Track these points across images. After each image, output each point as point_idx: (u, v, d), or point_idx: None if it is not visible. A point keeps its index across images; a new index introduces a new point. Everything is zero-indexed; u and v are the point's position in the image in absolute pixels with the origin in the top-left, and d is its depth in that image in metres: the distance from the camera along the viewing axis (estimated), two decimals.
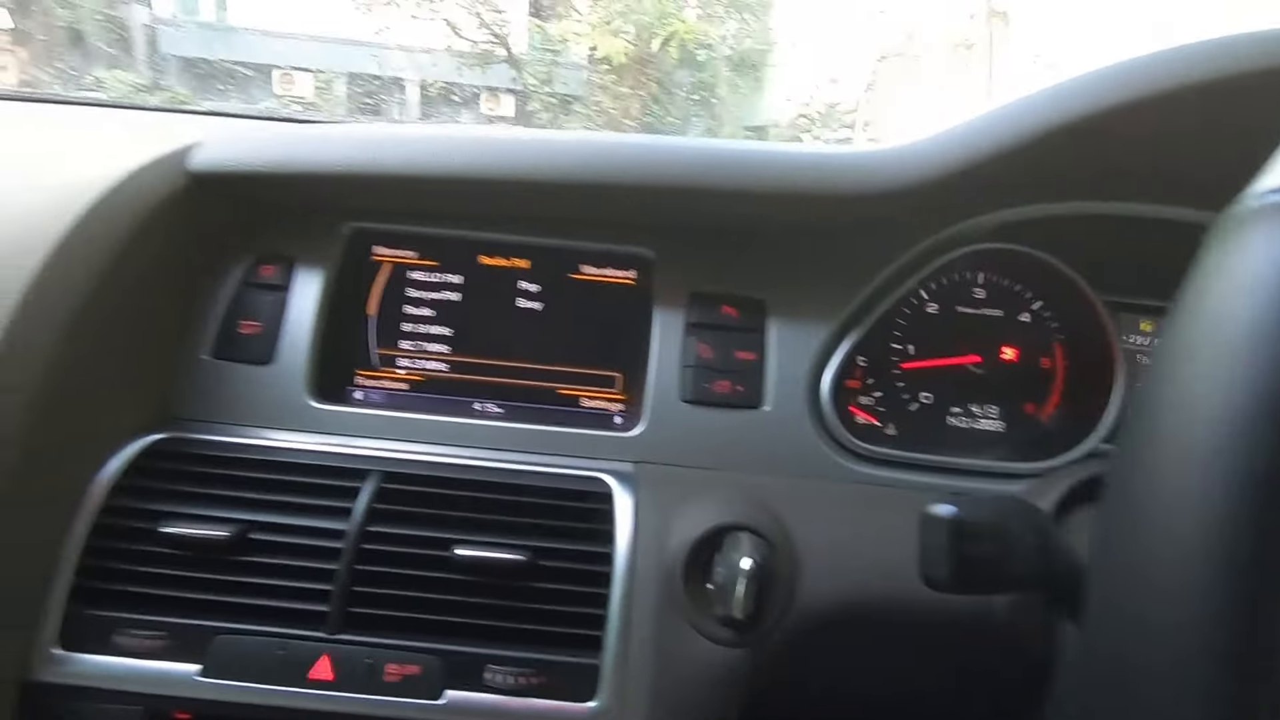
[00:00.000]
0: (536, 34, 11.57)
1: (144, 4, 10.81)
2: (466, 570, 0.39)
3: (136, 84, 9.65)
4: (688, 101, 13.17)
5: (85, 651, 0.39)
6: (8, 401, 0.36)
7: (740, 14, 12.88)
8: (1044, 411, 0.51)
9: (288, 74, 10.92)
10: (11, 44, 7.29)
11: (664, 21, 9.27)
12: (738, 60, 13.62)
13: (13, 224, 0.39)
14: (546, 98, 11.57)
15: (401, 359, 0.50)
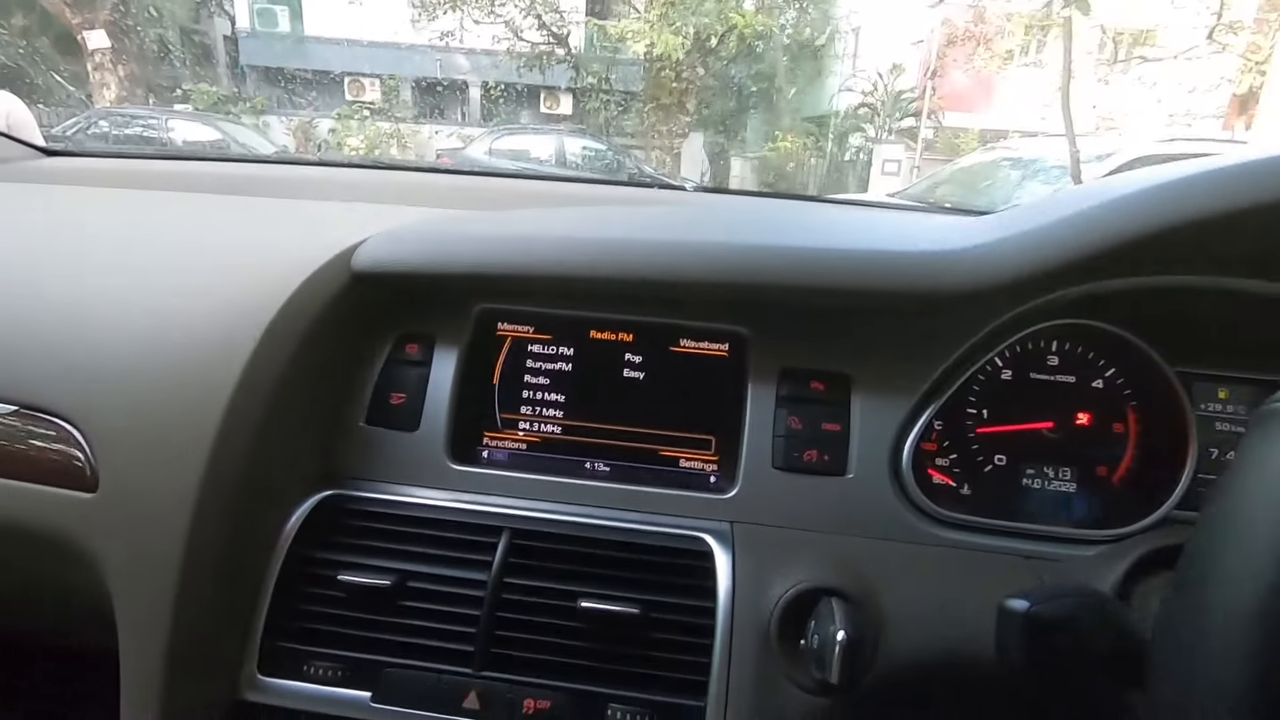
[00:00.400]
0: (595, 33, 11.60)
1: (225, 18, 11.27)
2: (589, 620, 0.46)
3: (220, 95, 10.12)
4: (744, 94, 12.91)
5: (280, 678, 0.47)
6: (230, 460, 0.44)
7: (800, 2, 12.54)
8: (1116, 475, 0.54)
9: (357, 80, 11.30)
10: (111, 62, 7.74)
11: (723, 17, 9.19)
12: (797, 50, 13.25)
13: (226, 319, 0.48)
14: (604, 96, 11.58)
15: (522, 422, 0.57)
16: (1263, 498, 0.22)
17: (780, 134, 12.11)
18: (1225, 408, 0.54)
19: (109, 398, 0.47)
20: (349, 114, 10.41)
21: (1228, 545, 0.22)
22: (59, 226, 0.66)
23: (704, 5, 8.61)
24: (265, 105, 10.56)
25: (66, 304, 0.51)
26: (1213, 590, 0.22)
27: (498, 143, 8.62)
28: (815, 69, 13.31)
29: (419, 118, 11.41)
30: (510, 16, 10.26)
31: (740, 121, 13.22)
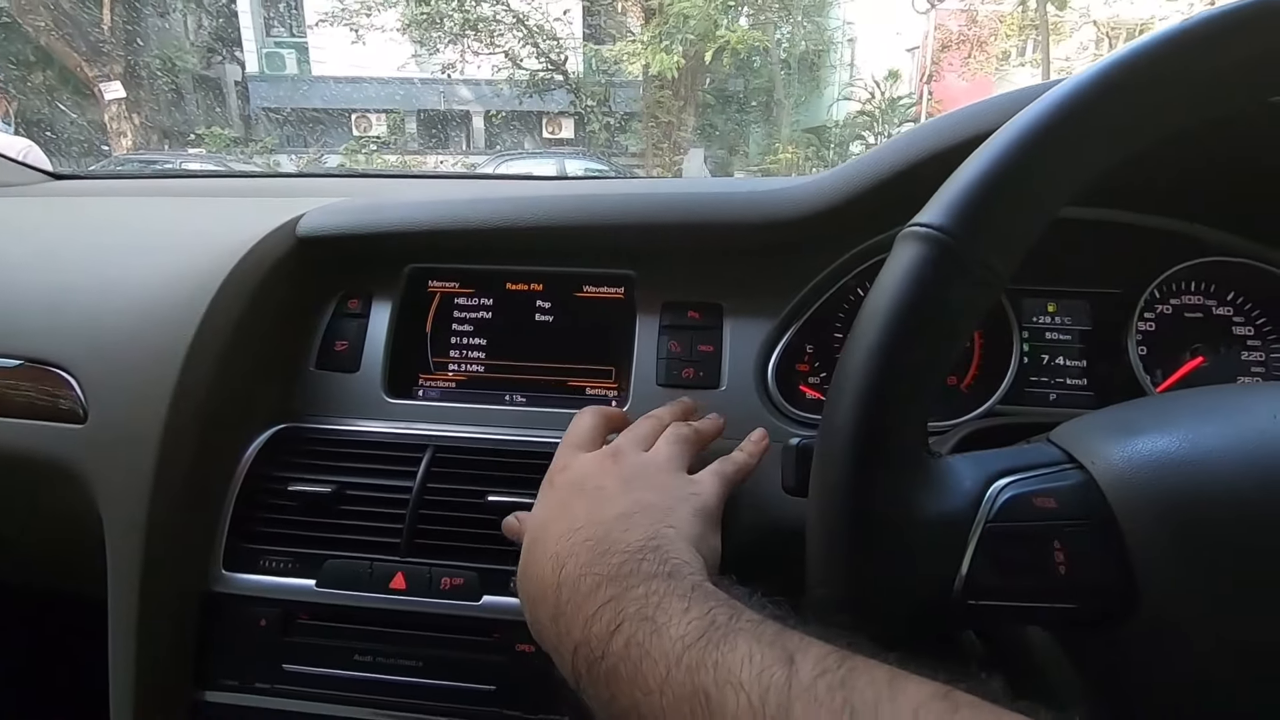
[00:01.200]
0: (592, 57, 11.81)
1: (236, 64, 11.58)
2: (496, 511, 0.54)
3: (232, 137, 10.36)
4: (743, 108, 13.05)
5: (241, 572, 0.56)
6: (193, 395, 0.54)
7: (794, 17, 12.70)
8: (964, 383, 0.62)
9: (363, 116, 11.56)
10: (127, 111, 8.00)
11: (714, 35, 9.37)
12: (794, 63, 13.37)
13: (185, 279, 0.58)
14: (604, 117, 11.77)
15: (451, 364, 0.66)
16: (876, 291, 0.31)
17: (781, 145, 12.26)
18: (1054, 318, 0.62)
19: (96, 349, 0.57)
20: (356, 148, 10.73)
21: (858, 324, 0.31)
22: (61, 231, 0.77)
23: (690, 24, 8.81)
24: (275, 145, 10.92)
25: (66, 285, 0.61)
26: (850, 348, 0.31)
27: (501, 168, 8.85)
28: (813, 80, 13.49)
29: (424, 148, 11.72)
30: (509, 46, 10.57)
31: (741, 135, 13.41)
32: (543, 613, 0.35)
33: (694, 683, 0.25)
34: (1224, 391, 0.37)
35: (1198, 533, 0.28)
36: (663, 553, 0.34)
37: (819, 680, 0.23)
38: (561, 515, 0.39)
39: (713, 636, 0.27)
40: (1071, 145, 0.30)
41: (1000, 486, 0.31)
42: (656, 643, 0.28)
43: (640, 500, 0.38)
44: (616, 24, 11.39)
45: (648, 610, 0.30)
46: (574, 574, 0.34)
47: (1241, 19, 0.29)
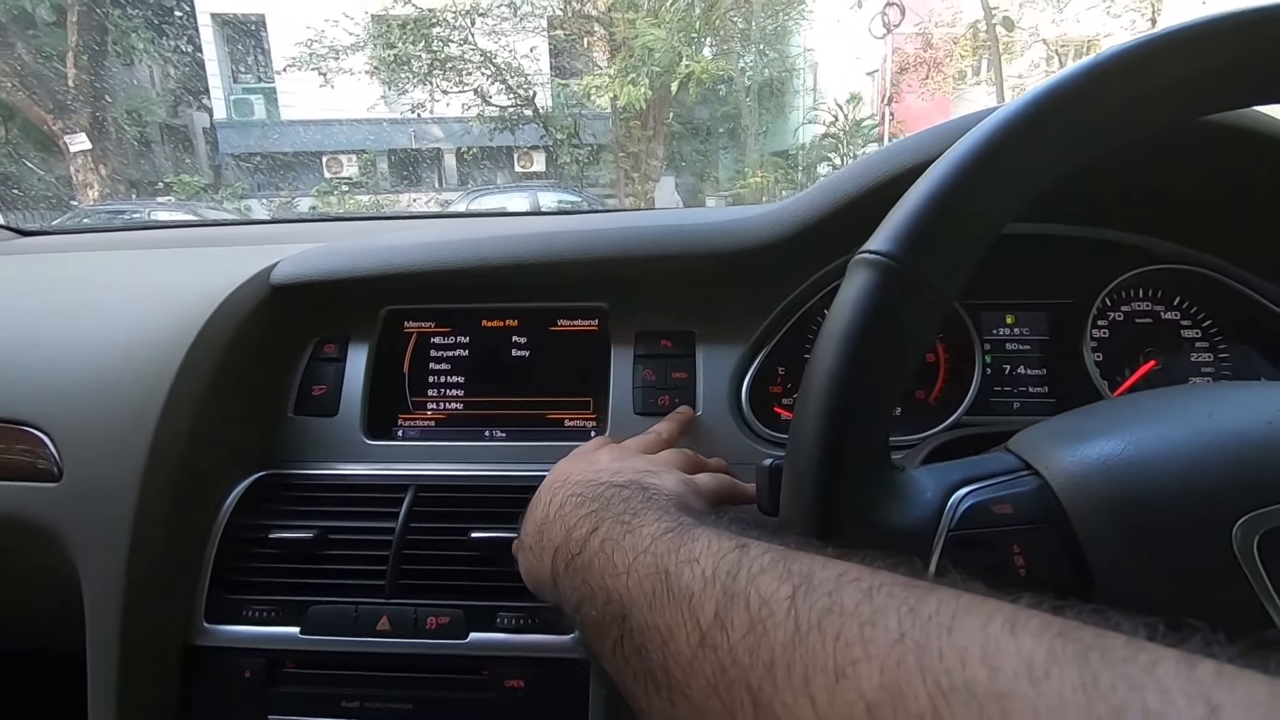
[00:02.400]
0: (560, 92, 11.95)
1: (204, 111, 11.54)
2: (479, 547, 0.55)
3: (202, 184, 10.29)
4: (712, 135, 13.25)
5: (223, 623, 0.56)
6: (170, 448, 0.54)
7: (756, 46, 13.01)
8: (931, 397, 0.64)
9: (334, 158, 11.56)
10: (93, 163, 7.94)
11: (679, 66, 9.56)
12: (759, 90, 13.62)
13: (160, 331, 0.58)
14: (575, 150, 11.87)
15: (429, 403, 0.67)
16: (832, 317, 0.32)
17: (750, 170, 12.48)
18: (1013, 330, 0.65)
19: (70, 406, 0.57)
20: (328, 190, 10.72)
21: (816, 350, 0.32)
22: (29, 288, 0.76)
23: (654, 57, 9.00)
24: (246, 190, 10.87)
25: (35, 341, 0.61)
26: (810, 374, 0.32)
27: (474, 204, 8.90)
28: (778, 106, 13.80)
29: (396, 187, 11.75)
30: (478, 84, 10.68)
31: (710, 162, 13.63)
32: (529, 531, 0.41)
33: (658, 565, 0.28)
34: (1167, 394, 0.39)
35: (1142, 529, 0.30)
36: (644, 488, 0.37)
37: (764, 555, 0.26)
38: (558, 475, 0.44)
39: (679, 532, 0.30)
40: (1007, 169, 0.32)
41: (960, 496, 0.32)
42: (629, 539, 0.31)
43: (631, 464, 0.43)
44: (583, 59, 11.59)
45: (624, 517, 0.33)
46: (561, 499, 0.38)
47: (1166, 45, 0.32)
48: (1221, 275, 0.61)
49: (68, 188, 8.49)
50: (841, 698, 0.19)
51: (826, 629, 0.21)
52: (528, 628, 0.53)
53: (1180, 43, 0.32)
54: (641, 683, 0.27)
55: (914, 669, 0.18)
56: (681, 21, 9.44)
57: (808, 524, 0.32)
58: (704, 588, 0.26)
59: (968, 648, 0.18)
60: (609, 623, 0.29)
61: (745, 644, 0.23)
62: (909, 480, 0.34)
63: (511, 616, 0.53)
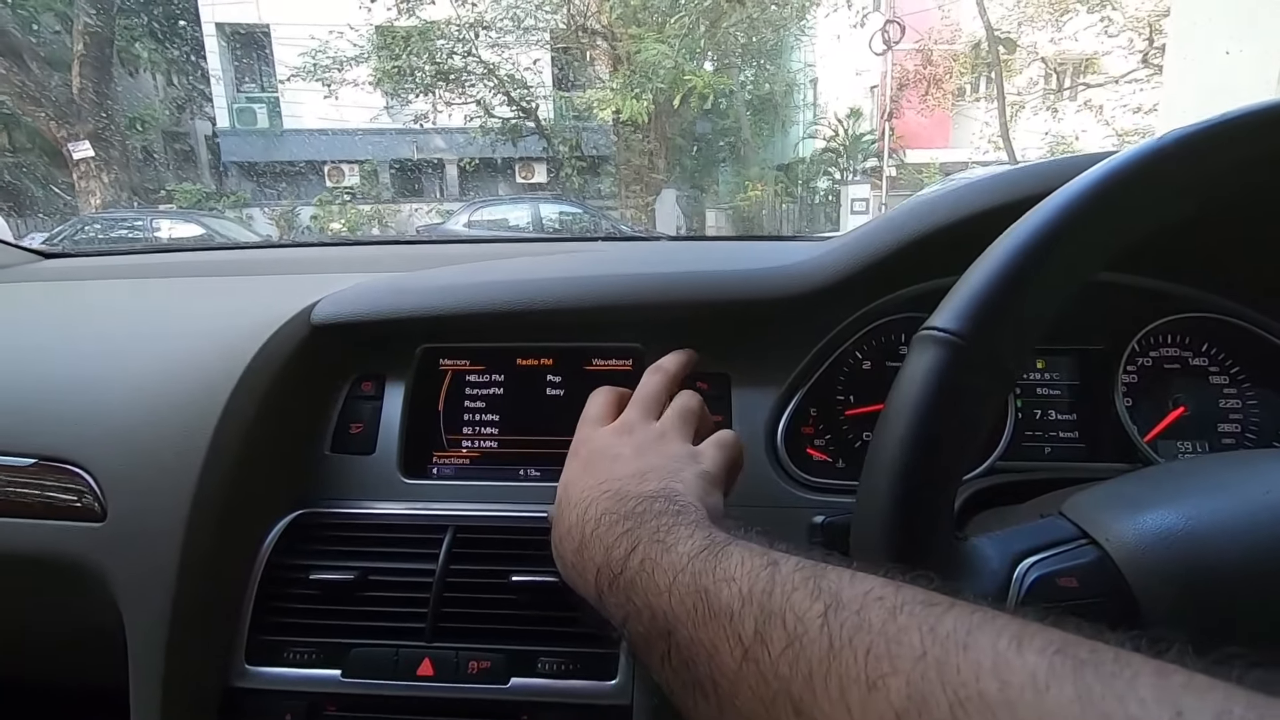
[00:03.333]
0: (562, 104, 12.03)
1: (206, 120, 11.58)
2: (520, 591, 0.55)
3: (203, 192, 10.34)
4: (713, 148, 13.34)
5: (263, 665, 0.56)
6: (214, 488, 0.54)
7: (757, 61, 13.11)
8: None
9: (336, 168, 11.59)
10: (96, 170, 7.95)
11: (681, 80, 9.63)
12: (759, 104, 13.74)
13: (204, 370, 0.59)
14: (576, 162, 11.93)
15: (464, 441, 0.67)
16: (899, 392, 0.33)
17: (750, 184, 12.56)
18: (1044, 375, 0.65)
19: (113, 445, 0.57)
20: (329, 200, 10.76)
21: (884, 423, 0.33)
22: (64, 317, 0.77)
23: (659, 72, 9.06)
24: (247, 199, 10.91)
25: (75, 376, 0.62)
26: (878, 445, 0.33)
27: (476, 215, 8.91)
28: (778, 120, 13.91)
29: (398, 198, 11.80)
30: (481, 96, 10.75)
31: (711, 175, 13.72)
32: (568, 548, 0.42)
33: (697, 584, 0.31)
34: (1218, 463, 0.40)
35: (1206, 608, 0.31)
36: (672, 499, 0.39)
37: (795, 573, 0.28)
38: (584, 476, 0.45)
39: (713, 550, 0.32)
40: (1074, 253, 0.33)
41: (1026, 568, 0.33)
42: (666, 558, 0.33)
43: (651, 463, 0.44)
44: (585, 72, 11.68)
45: (659, 535, 0.35)
46: (595, 515, 0.40)
47: (1229, 129, 0.33)
48: (1249, 324, 0.62)
49: (70, 194, 8.49)
50: (874, 706, 0.22)
51: (857, 645, 0.24)
52: (569, 673, 0.53)
53: (1240, 126, 0.33)
54: (691, 691, 0.30)
55: (935, 682, 0.21)
56: (685, 37, 9.52)
57: None
58: (742, 606, 0.28)
59: (980, 662, 0.21)
60: (656, 638, 0.32)
61: (785, 658, 0.25)
62: (973, 550, 0.34)
63: (553, 662, 0.54)
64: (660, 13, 9.66)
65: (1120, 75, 11.87)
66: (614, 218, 10.03)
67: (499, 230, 8.45)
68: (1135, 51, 11.64)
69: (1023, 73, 12.68)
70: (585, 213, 9.38)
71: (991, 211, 0.52)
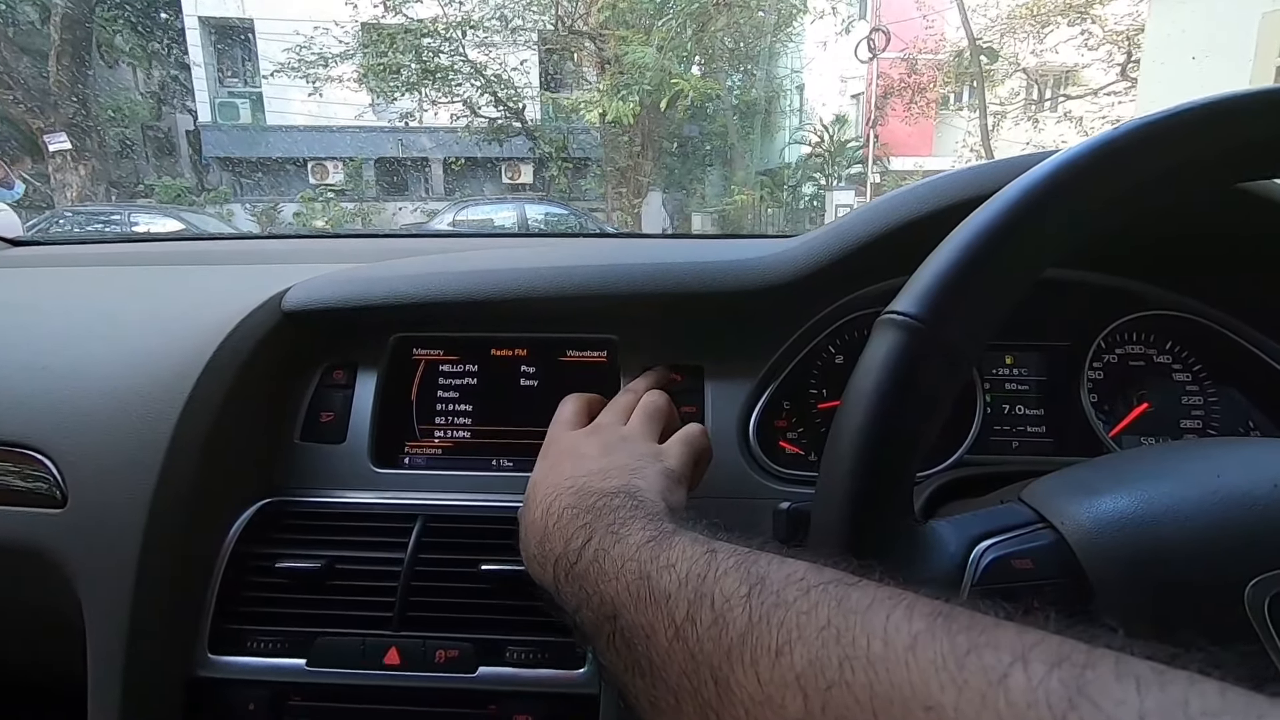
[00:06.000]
0: (549, 105, 12.01)
1: (188, 114, 11.42)
2: (489, 580, 0.55)
3: (183, 186, 10.20)
4: (699, 152, 13.37)
5: (228, 655, 0.55)
6: (178, 475, 0.54)
7: (744, 65, 13.16)
8: None
9: (320, 165, 11.48)
10: (73, 162, 7.82)
11: (668, 84, 9.66)
12: (746, 109, 13.80)
13: (170, 356, 0.58)
14: (563, 163, 11.90)
15: (437, 431, 0.67)
16: (859, 375, 0.34)
17: (736, 188, 12.61)
18: (1012, 370, 0.66)
19: (75, 431, 0.56)
20: (313, 197, 10.65)
21: (844, 406, 0.34)
22: (28, 304, 0.75)
23: (646, 75, 9.09)
24: (228, 194, 10.77)
25: (37, 362, 0.60)
26: (839, 429, 0.33)
27: (461, 215, 8.87)
28: (765, 125, 13.99)
29: (383, 196, 11.71)
30: (467, 95, 10.70)
31: (698, 178, 13.75)
32: (532, 539, 0.44)
33: (641, 570, 0.33)
34: (1173, 450, 0.40)
35: (1156, 587, 0.31)
36: (632, 495, 0.41)
37: (729, 559, 0.30)
38: (551, 473, 0.47)
39: (660, 540, 0.34)
40: (1033, 240, 0.33)
41: (982, 550, 0.34)
42: (617, 548, 0.35)
43: (615, 461, 0.46)
44: (573, 73, 11.67)
45: (614, 528, 0.37)
46: (559, 510, 0.42)
47: (1188, 119, 0.33)
48: (1211, 322, 0.63)
49: (46, 187, 8.35)
50: (779, 670, 0.24)
51: (773, 621, 0.26)
52: (537, 662, 0.53)
53: (1198, 119, 0.33)
54: (630, 671, 0.32)
55: (832, 646, 0.24)
56: (672, 40, 9.55)
57: None
58: (678, 589, 0.30)
59: (872, 628, 0.23)
60: (602, 622, 0.34)
61: (710, 635, 0.27)
62: (930, 533, 0.35)
63: (521, 651, 0.54)
64: (648, 16, 9.68)
65: (1099, 87, 12.10)
66: (600, 219, 10.03)
67: (484, 230, 8.42)
68: (1114, 65, 11.87)
69: (1004, 83, 12.86)
70: (571, 214, 9.38)
71: (962, 204, 0.52)
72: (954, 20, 11.63)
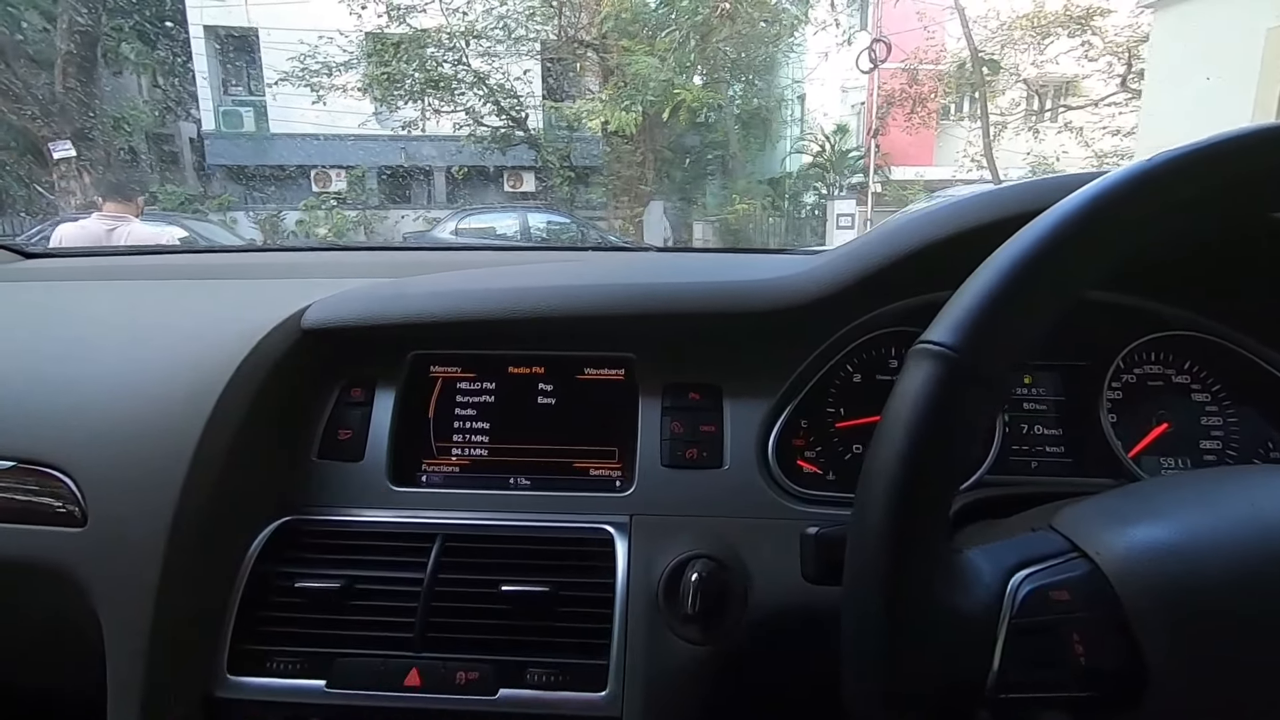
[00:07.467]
0: (552, 114, 12.02)
1: (191, 122, 11.45)
2: (510, 601, 0.55)
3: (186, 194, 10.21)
4: (701, 162, 13.36)
5: (247, 675, 0.55)
6: (199, 495, 0.54)
7: (745, 75, 13.17)
8: None
9: (323, 173, 11.51)
10: (77, 170, 7.84)
11: (670, 94, 9.69)
12: (747, 119, 13.79)
13: (191, 374, 0.58)
14: (565, 172, 11.92)
15: (454, 449, 0.67)
16: (896, 405, 0.33)
17: (738, 197, 12.63)
18: (1030, 390, 0.66)
19: (95, 449, 0.56)
20: (316, 205, 10.67)
21: (880, 436, 0.33)
22: (46, 318, 0.76)
23: (649, 84, 9.12)
24: (232, 202, 10.79)
25: (57, 378, 0.61)
26: (875, 457, 0.33)
27: (463, 223, 8.89)
28: (766, 135, 14.02)
29: (385, 204, 11.73)
30: (470, 104, 10.73)
31: (699, 188, 13.77)
32: None
33: None
34: (1205, 478, 0.40)
35: (1194, 618, 0.31)
36: None
37: None
38: None
39: None
40: (1068, 270, 0.33)
41: (1019, 580, 0.33)
42: None
43: None
44: (575, 83, 11.71)
45: None
46: None
47: (1217, 151, 0.34)
48: (1231, 343, 0.63)
49: (51, 194, 8.35)
50: None
51: None
52: (559, 684, 0.53)
53: (1229, 150, 0.33)
54: None
55: None
56: (675, 51, 9.58)
57: (873, 604, 0.32)
58: None
59: None
60: None
61: None
62: (966, 563, 0.35)
63: (542, 673, 0.53)
64: (651, 26, 9.73)
65: (1100, 98, 12.15)
66: (602, 228, 10.05)
67: (486, 238, 8.44)
68: (1114, 76, 11.92)
69: (1005, 94, 12.91)
70: (573, 223, 9.39)
71: (984, 228, 0.53)
72: (955, 31, 11.69)
